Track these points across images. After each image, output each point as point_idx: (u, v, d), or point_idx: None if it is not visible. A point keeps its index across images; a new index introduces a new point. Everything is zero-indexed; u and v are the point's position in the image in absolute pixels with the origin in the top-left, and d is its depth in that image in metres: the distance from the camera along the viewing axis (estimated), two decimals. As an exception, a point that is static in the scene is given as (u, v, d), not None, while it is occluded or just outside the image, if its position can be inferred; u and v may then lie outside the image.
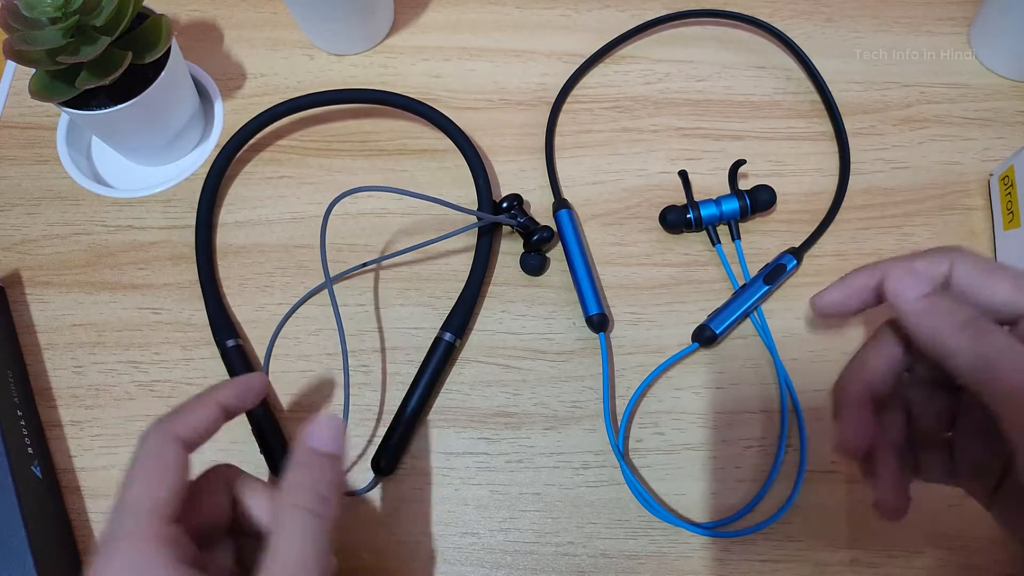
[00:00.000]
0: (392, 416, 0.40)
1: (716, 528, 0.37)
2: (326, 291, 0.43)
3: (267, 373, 0.41)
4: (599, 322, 0.40)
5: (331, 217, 0.45)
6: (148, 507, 0.27)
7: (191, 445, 0.30)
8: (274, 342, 0.42)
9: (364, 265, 0.43)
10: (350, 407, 0.40)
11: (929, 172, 0.45)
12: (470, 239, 0.44)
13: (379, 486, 0.39)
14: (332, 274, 0.43)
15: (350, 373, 0.41)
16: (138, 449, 0.29)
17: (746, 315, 0.41)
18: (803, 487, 0.38)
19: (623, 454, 0.39)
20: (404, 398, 0.40)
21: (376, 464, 0.39)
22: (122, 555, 0.26)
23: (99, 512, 0.39)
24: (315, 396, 0.41)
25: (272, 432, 0.39)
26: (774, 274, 0.41)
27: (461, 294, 0.41)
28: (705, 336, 0.40)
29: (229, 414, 0.32)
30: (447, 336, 0.40)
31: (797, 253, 0.42)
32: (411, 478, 0.39)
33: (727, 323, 0.40)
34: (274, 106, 0.45)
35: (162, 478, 0.28)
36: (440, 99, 0.47)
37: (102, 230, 0.45)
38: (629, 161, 0.46)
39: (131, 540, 0.26)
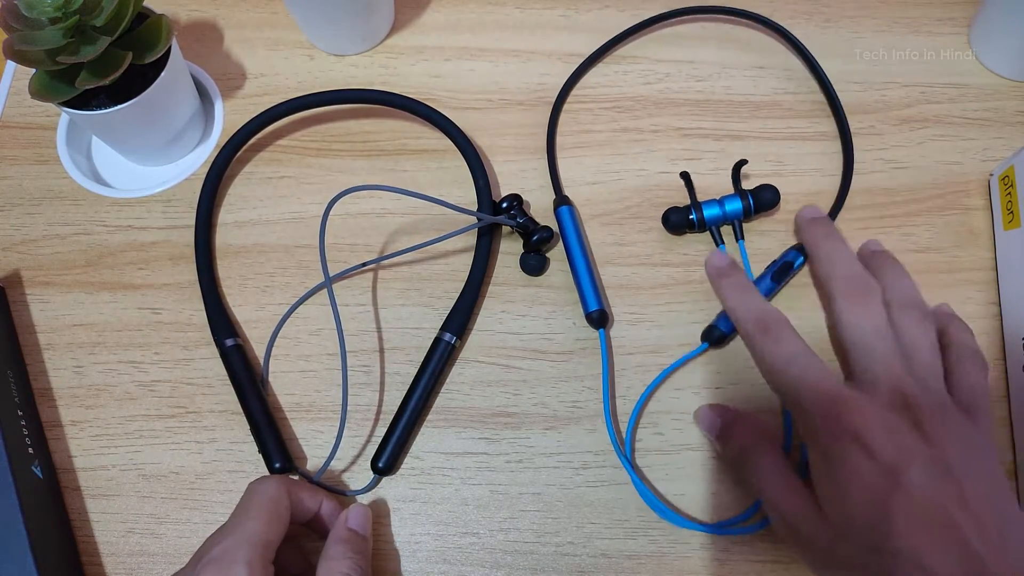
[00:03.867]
0: (390, 416, 0.40)
1: (727, 527, 0.37)
2: (326, 291, 0.43)
3: (267, 374, 0.41)
4: (599, 318, 0.40)
5: (331, 217, 0.45)
6: (264, 544, 0.32)
7: (292, 509, 0.35)
8: (274, 342, 0.42)
9: (364, 265, 0.43)
10: (348, 407, 0.40)
11: (929, 172, 0.45)
12: (470, 239, 0.44)
13: (380, 486, 0.39)
14: (332, 274, 0.43)
15: (349, 373, 0.41)
16: (257, 489, 0.34)
17: (748, 315, 0.41)
18: (803, 487, 0.38)
19: (630, 456, 0.39)
20: (404, 398, 0.40)
21: (375, 464, 0.39)
22: None
23: (99, 512, 0.39)
24: (315, 396, 0.41)
25: (271, 433, 0.39)
26: (781, 271, 0.41)
27: (461, 294, 0.41)
28: (715, 336, 0.40)
29: (320, 521, 0.37)
30: (447, 336, 0.40)
31: (803, 249, 0.42)
32: (411, 478, 0.39)
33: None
34: (274, 106, 0.45)
35: (276, 523, 0.33)
36: (440, 99, 0.47)
37: (102, 230, 0.45)
38: (629, 161, 0.46)
39: (249, 568, 0.31)
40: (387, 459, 0.39)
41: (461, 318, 0.41)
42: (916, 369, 0.31)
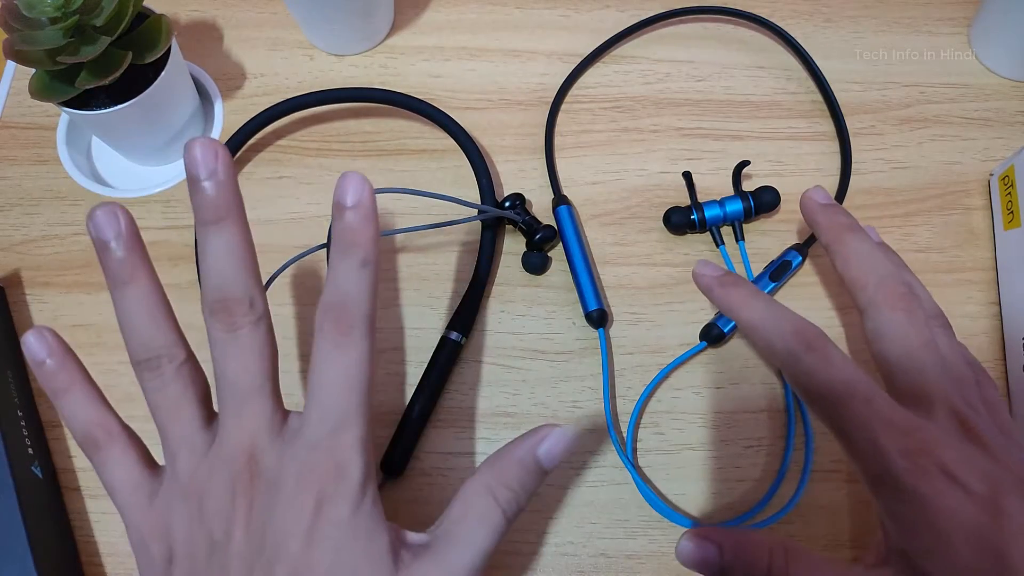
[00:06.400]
0: (391, 416, 0.40)
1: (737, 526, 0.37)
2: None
3: None
4: (598, 318, 0.40)
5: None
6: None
7: None
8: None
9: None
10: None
11: (929, 172, 0.45)
12: (469, 239, 0.44)
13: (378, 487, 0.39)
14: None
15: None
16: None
17: (748, 314, 0.41)
18: (804, 487, 0.38)
19: (631, 456, 0.39)
20: (412, 398, 0.39)
21: (386, 465, 0.39)
22: None
23: (99, 512, 0.39)
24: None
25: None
26: (780, 271, 0.41)
27: (467, 292, 0.41)
28: (713, 335, 0.40)
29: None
30: (453, 335, 0.40)
31: (802, 249, 0.42)
32: (411, 478, 0.39)
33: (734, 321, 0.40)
34: (274, 105, 0.45)
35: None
36: (440, 99, 0.47)
37: (102, 230, 0.45)
38: (629, 161, 0.46)
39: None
40: (398, 459, 0.38)
41: (467, 316, 0.41)
42: (964, 388, 0.29)
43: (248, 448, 0.27)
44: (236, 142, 0.45)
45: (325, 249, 0.39)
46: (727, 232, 0.44)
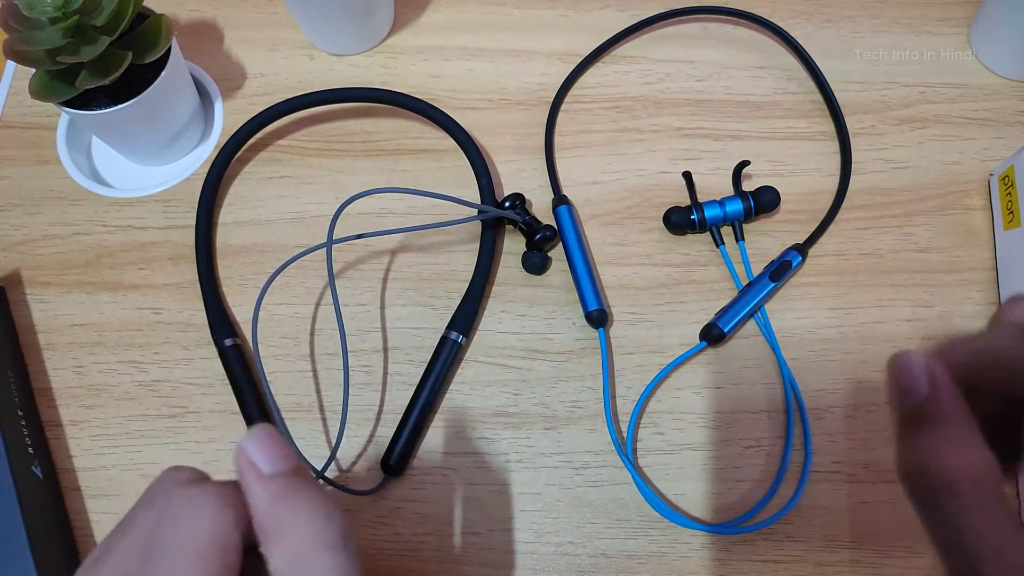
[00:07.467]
0: (392, 416, 0.40)
1: (728, 527, 0.37)
2: (329, 294, 0.43)
3: (256, 337, 0.41)
4: (598, 318, 0.40)
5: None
6: None
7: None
8: (259, 308, 0.42)
9: (366, 235, 0.41)
10: (348, 405, 0.40)
11: (929, 172, 0.45)
12: (469, 240, 0.44)
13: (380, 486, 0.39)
14: (331, 259, 0.43)
15: (350, 373, 0.41)
16: (183, 530, 0.22)
17: (752, 313, 0.41)
18: (804, 487, 0.38)
19: (631, 456, 0.39)
20: (412, 398, 0.40)
21: (386, 464, 0.39)
22: None
23: (99, 512, 0.39)
24: (315, 396, 0.41)
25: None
26: (780, 271, 0.41)
27: (467, 292, 0.41)
28: (713, 335, 0.40)
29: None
30: (453, 335, 0.40)
31: (802, 249, 0.42)
32: (411, 478, 0.39)
33: (735, 321, 0.40)
34: (274, 105, 0.45)
35: None
36: (440, 99, 0.47)
37: (102, 230, 0.45)
38: (629, 161, 0.46)
39: None
40: (398, 458, 0.38)
41: (467, 316, 0.41)
42: None
43: None
44: (236, 142, 0.45)
45: (325, 249, 0.39)
46: (727, 232, 0.44)
